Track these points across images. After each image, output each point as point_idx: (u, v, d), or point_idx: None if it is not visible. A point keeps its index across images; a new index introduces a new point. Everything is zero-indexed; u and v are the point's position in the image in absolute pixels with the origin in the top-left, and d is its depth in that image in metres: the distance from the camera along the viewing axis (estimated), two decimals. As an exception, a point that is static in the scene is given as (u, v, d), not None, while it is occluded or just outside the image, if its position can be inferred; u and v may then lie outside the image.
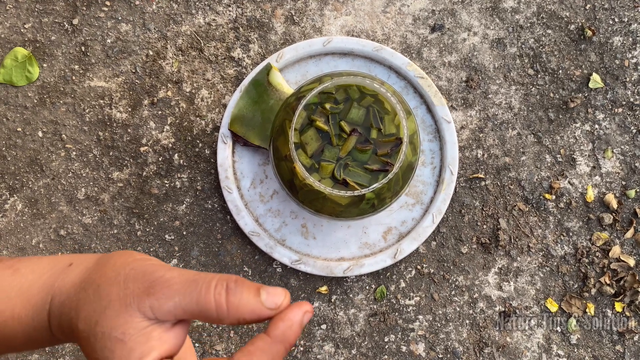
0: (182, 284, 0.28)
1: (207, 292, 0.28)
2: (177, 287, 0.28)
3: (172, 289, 0.28)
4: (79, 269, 0.31)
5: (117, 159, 0.67)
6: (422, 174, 0.67)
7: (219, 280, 0.28)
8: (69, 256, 0.33)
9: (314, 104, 0.55)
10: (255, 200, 0.66)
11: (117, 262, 0.30)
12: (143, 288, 0.28)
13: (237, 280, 0.28)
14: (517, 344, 0.66)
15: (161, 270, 0.29)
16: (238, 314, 0.28)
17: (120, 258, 0.30)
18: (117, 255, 0.30)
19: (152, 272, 0.28)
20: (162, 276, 0.28)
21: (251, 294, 0.28)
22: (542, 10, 0.69)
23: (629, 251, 0.67)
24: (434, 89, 0.66)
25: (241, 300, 0.28)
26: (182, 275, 0.28)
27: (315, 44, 0.66)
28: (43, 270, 0.32)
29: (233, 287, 0.28)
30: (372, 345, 0.66)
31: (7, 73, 0.67)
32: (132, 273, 0.29)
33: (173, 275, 0.28)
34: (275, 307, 0.28)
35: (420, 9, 0.69)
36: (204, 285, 0.28)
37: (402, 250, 0.65)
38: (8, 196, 0.67)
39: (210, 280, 0.28)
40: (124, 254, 0.31)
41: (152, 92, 0.68)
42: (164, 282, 0.28)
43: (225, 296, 0.28)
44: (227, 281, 0.28)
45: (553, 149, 0.68)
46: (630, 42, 0.69)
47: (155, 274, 0.28)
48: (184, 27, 0.69)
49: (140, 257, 0.30)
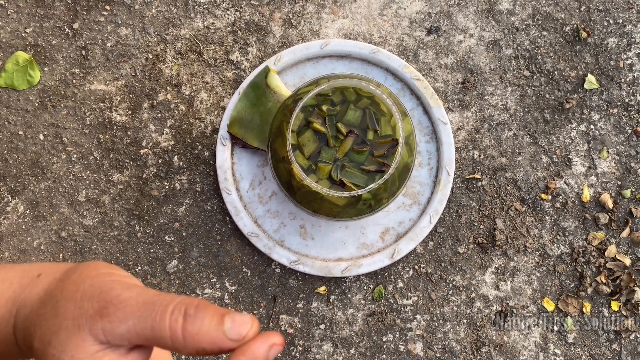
0: (137, 306, 0.25)
1: (163, 318, 0.25)
2: (132, 309, 0.25)
3: (126, 311, 0.25)
4: (46, 280, 0.29)
5: (117, 162, 0.68)
6: (419, 174, 0.67)
7: (177, 305, 0.25)
8: (40, 265, 0.31)
9: (311, 106, 0.56)
10: (254, 201, 0.67)
11: (79, 277, 0.27)
12: (97, 308, 0.25)
13: (199, 305, 0.25)
14: (514, 343, 0.67)
15: (118, 289, 0.26)
16: (195, 343, 0.25)
17: (84, 271, 0.28)
18: (82, 267, 0.28)
19: (108, 290, 0.26)
20: (117, 296, 0.26)
21: (213, 322, 0.25)
22: (538, 12, 0.70)
23: (624, 250, 0.68)
24: (430, 90, 0.67)
25: (200, 329, 0.25)
26: (140, 296, 0.26)
27: (312, 47, 0.67)
28: (13, 279, 0.30)
29: (192, 314, 0.25)
30: (370, 344, 0.67)
31: (8, 77, 0.68)
32: (89, 290, 0.26)
33: (130, 296, 0.26)
34: (238, 339, 0.25)
35: (416, 12, 0.70)
36: (160, 309, 0.25)
37: (399, 251, 0.66)
38: (10, 198, 0.68)
39: (168, 303, 0.25)
40: (90, 265, 0.28)
41: (152, 95, 0.69)
42: (118, 303, 0.25)
43: (182, 323, 0.25)
44: (186, 306, 0.25)
45: (549, 149, 0.69)
46: (625, 44, 0.70)
47: (110, 293, 0.26)
48: (183, 30, 0.69)
49: (104, 272, 0.28)
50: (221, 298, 0.67)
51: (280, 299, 0.67)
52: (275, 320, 0.67)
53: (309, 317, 0.67)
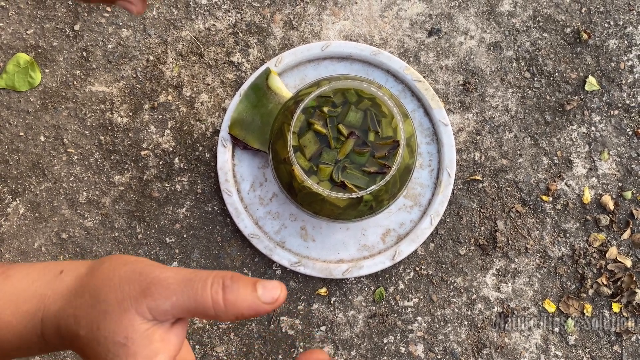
0: (178, 283, 0.28)
1: (204, 290, 0.28)
2: (174, 286, 0.28)
3: (169, 289, 0.28)
4: (70, 276, 0.31)
5: (118, 163, 0.68)
6: (420, 176, 0.67)
7: (215, 278, 0.28)
8: (60, 263, 0.32)
9: (312, 108, 0.56)
10: (255, 203, 0.67)
11: (110, 266, 0.29)
12: (139, 290, 0.28)
13: (233, 276, 0.28)
14: (515, 344, 0.67)
15: (156, 271, 0.28)
16: (236, 310, 0.28)
17: (113, 262, 0.30)
18: (109, 260, 0.30)
19: (147, 273, 0.28)
20: (157, 276, 0.28)
21: (248, 290, 0.28)
22: (538, 14, 0.70)
23: (625, 252, 0.68)
24: (431, 92, 0.67)
25: (238, 297, 0.28)
26: (178, 275, 0.28)
27: (313, 49, 0.67)
28: (34, 277, 0.31)
29: (229, 284, 0.28)
30: (371, 346, 0.67)
31: (9, 78, 0.68)
32: (127, 275, 0.28)
33: (168, 275, 0.28)
34: (272, 301, 0.29)
35: (417, 14, 0.70)
36: (200, 283, 0.28)
37: (400, 252, 0.66)
38: (10, 200, 0.68)
39: (206, 278, 0.28)
40: (116, 257, 0.30)
41: (153, 97, 0.69)
42: (159, 283, 0.28)
43: (222, 294, 0.28)
44: (223, 278, 0.28)
45: (550, 151, 0.69)
46: (626, 45, 0.70)
47: (150, 275, 0.28)
48: (184, 32, 0.69)
49: (133, 259, 0.30)
50: (222, 300, 0.67)
51: (281, 301, 0.67)
52: (276, 322, 0.67)
53: (309, 318, 0.67)
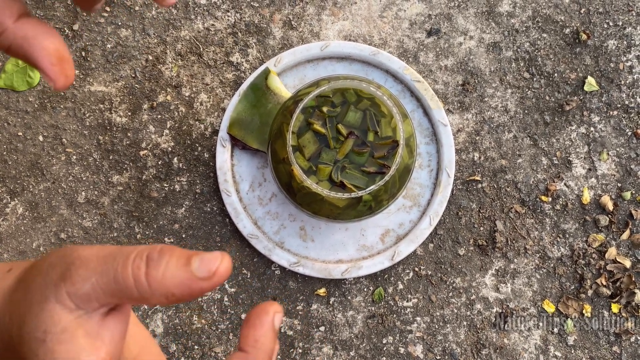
0: (98, 260, 0.24)
1: (125, 267, 0.23)
2: (93, 265, 0.23)
3: (89, 268, 0.23)
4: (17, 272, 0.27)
5: (117, 163, 0.68)
6: (419, 176, 0.67)
7: (139, 252, 0.24)
8: (10, 263, 0.29)
9: (311, 108, 0.55)
10: (254, 203, 0.67)
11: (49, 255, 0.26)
12: (59, 273, 0.24)
13: (162, 249, 0.24)
14: (515, 345, 0.67)
15: (80, 250, 0.24)
16: (163, 288, 0.23)
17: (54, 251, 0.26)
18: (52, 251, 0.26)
19: (70, 253, 0.24)
20: (79, 255, 0.24)
21: (179, 264, 0.24)
22: (538, 15, 0.70)
23: (625, 252, 0.68)
24: (431, 92, 0.67)
25: (165, 272, 0.23)
26: (101, 251, 0.24)
27: (313, 49, 0.67)
28: None
29: (155, 258, 0.23)
30: (370, 347, 0.67)
31: (8, 78, 0.68)
32: (55, 259, 0.25)
33: (91, 253, 0.24)
34: (209, 275, 0.24)
35: (416, 14, 0.70)
36: (121, 259, 0.24)
37: (399, 253, 0.66)
38: (9, 200, 0.68)
39: (129, 252, 0.24)
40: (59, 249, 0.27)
41: (152, 97, 0.69)
42: (80, 263, 0.24)
43: (145, 269, 0.23)
44: (149, 252, 0.24)
45: (549, 151, 0.69)
46: (625, 46, 0.70)
47: (72, 255, 0.24)
48: (183, 32, 0.69)
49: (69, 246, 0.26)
50: (221, 300, 0.67)
51: (280, 301, 0.67)
52: (275, 322, 0.67)
53: (308, 319, 0.67)
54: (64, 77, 0.26)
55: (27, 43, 0.25)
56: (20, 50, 0.25)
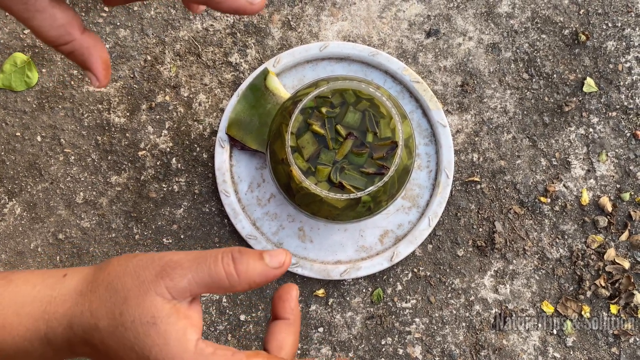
0: (190, 262, 0.30)
1: (217, 265, 0.30)
2: (187, 264, 0.30)
3: (183, 268, 0.30)
4: (75, 279, 0.32)
5: (115, 163, 0.68)
6: (418, 177, 0.67)
7: (224, 253, 0.31)
8: (62, 269, 0.33)
9: (310, 108, 0.55)
10: (253, 203, 0.67)
11: (119, 262, 0.31)
12: (155, 273, 0.30)
13: (240, 250, 0.31)
14: (514, 346, 0.67)
15: (168, 255, 0.31)
16: (248, 278, 0.31)
17: (120, 259, 0.32)
18: (115, 259, 0.32)
19: (159, 257, 0.31)
20: (170, 259, 0.30)
21: (256, 259, 0.31)
22: (537, 16, 0.70)
23: (623, 254, 0.68)
24: (430, 93, 0.67)
25: (249, 266, 0.30)
26: (189, 255, 0.31)
27: (312, 49, 0.67)
28: (35, 282, 0.32)
29: (238, 257, 0.30)
30: (369, 348, 0.67)
31: (6, 78, 0.68)
32: (140, 263, 0.30)
33: (180, 257, 0.30)
34: (280, 265, 0.31)
35: (415, 14, 0.70)
36: (211, 258, 0.30)
37: (398, 253, 0.65)
38: (7, 200, 0.67)
39: (216, 254, 0.31)
40: (121, 256, 0.32)
41: (150, 97, 0.69)
42: (174, 264, 0.30)
43: (234, 265, 0.30)
44: (231, 252, 0.31)
45: (548, 152, 0.69)
46: (624, 47, 0.70)
47: (163, 259, 0.30)
48: (182, 32, 0.69)
49: (139, 254, 0.32)
50: (219, 300, 0.67)
51: (279, 302, 0.67)
52: (274, 323, 0.67)
53: (307, 320, 0.67)
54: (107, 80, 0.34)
55: (88, 52, 0.32)
56: (81, 57, 0.32)
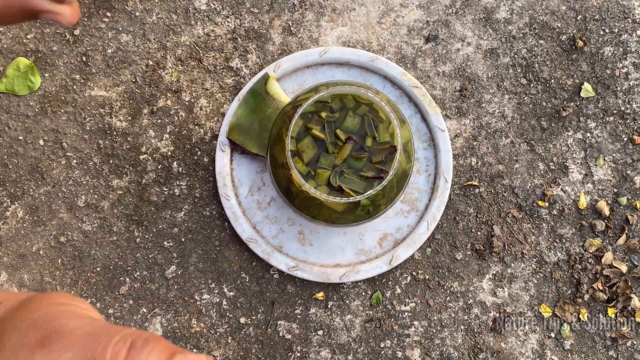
0: (82, 335, 0.24)
1: (105, 348, 0.23)
2: (76, 339, 0.23)
3: (70, 341, 0.23)
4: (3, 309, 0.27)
5: (117, 167, 0.69)
6: (417, 181, 0.68)
7: (123, 336, 0.23)
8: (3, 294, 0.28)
9: (310, 113, 0.56)
10: (253, 207, 0.67)
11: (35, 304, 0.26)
12: (39, 338, 0.24)
13: (149, 338, 0.23)
14: (512, 349, 0.67)
15: (66, 318, 0.24)
16: None
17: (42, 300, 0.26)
18: (41, 297, 0.26)
19: (55, 319, 0.24)
20: (63, 325, 0.24)
21: (161, 358, 0.23)
22: (534, 21, 0.71)
23: (621, 257, 0.68)
24: (428, 98, 0.67)
25: None
26: (88, 326, 0.24)
27: (312, 54, 0.68)
28: None
29: (139, 347, 0.23)
30: (368, 350, 0.67)
31: (9, 82, 0.69)
32: (38, 320, 0.24)
33: (77, 326, 0.24)
34: None
35: (414, 20, 0.71)
36: (104, 339, 0.23)
37: (397, 257, 0.66)
38: (9, 203, 0.68)
39: (114, 334, 0.23)
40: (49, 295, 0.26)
41: (152, 101, 0.69)
42: (63, 333, 0.24)
43: (125, 355, 0.23)
44: (134, 338, 0.23)
45: (546, 156, 0.69)
46: (621, 52, 0.70)
47: (57, 322, 0.24)
48: (184, 37, 0.70)
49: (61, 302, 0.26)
50: (219, 303, 0.67)
51: (279, 305, 0.67)
52: (274, 326, 0.67)
53: (307, 323, 0.67)
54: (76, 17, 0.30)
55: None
56: None
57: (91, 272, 0.68)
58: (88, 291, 0.67)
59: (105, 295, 0.67)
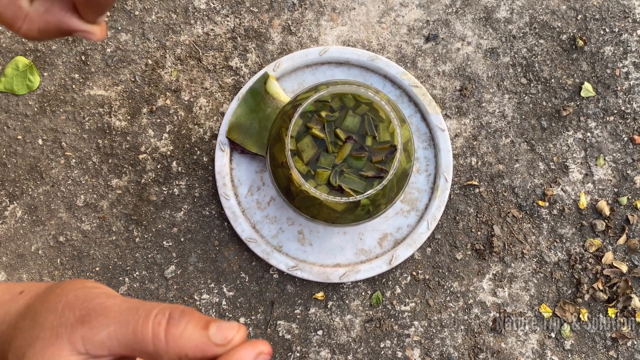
0: (121, 311, 0.24)
1: (146, 321, 0.24)
2: (115, 314, 0.24)
3: (109, 317, 0.24)
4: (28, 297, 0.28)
5: (116, 167, 0.68)
6: (417, 181, 0.68)
7: (162, 309, 0.24)
8: (24, 284, 0.30)
9: (310, 112, 0.56)
10: (253, 207, 0.67)
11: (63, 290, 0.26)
12: (78, 316, 0.24)
13: (185, 310, 0.24)
14: (512, 349, 0.67)
15: (103, 297, 0.25)
16: (178, 348, 0.24)
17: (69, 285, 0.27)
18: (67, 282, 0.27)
19: (92, 299, 0.25)
20: (101, 303, 0.25)
21: (198, 327, 0.24)
22: (535, 21, 0.71)
23: (621, 257, 0.68)
24: (428, 97, 0.67)
25: (184, 332, 0.24)
26: (125, 303, 0.25)
27: (311, 54, 0.67)
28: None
29: (177, 317, 0.24)
30: (368, 350, 0.67)
31: (8, 82, 0.68)
32: (73, 300, 0.25)
33: (114, 303, 0.25)
34: (224, 343, 0.24)
35: (414, 20, 0.70)
36: (143, 312, 0.24)
37: (397, 257, 0.66)
38: (8, 203, 0.68)
39: (152, 308, 0.24)
40: (75, 281, 0.27)
41: (151, 101, 0.69)
42: (101, 310, 0.24)
43: (166, 326, 0.24)
44: (171, 310, 0.24)
45: (546, 156, 0.69)
46: (621, 52, 0.70)
47: (94, 301, 0.25)
48: (183, 36, 0.70)
49: (90, 285, 0.27)
50: (219, 303, 0.67)
51: (278, 305, 0.67)
52: (273, 326, 0.67)
53: (306, 322, 0.67)
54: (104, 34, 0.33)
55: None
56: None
57: (90, 271, 0.67)
58: (87, 291, 0.67)
59: (104, 295, 0.67)
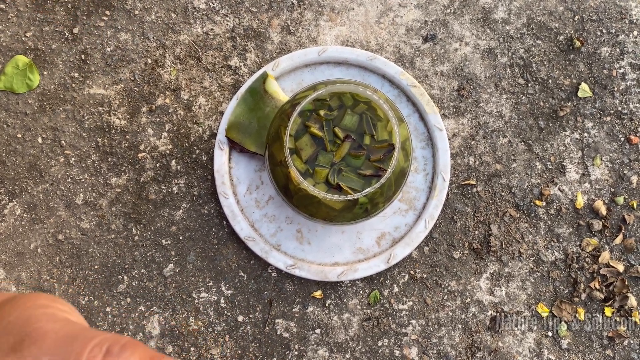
0: (57, 339, 0.22)
1: (80, 354, 0.22)
2: (50, 343, 0.22)
3: (44, 346, 0.22)
4: None
5: (115, 165, 0.69)
6: (415, 180, 0.68)
7: (100, 341, 0.22)
8: None
9: (308, 111, 0.56)
10: (251, 205, 0.67)
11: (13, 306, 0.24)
12: (12, 343, 0.22)
13: (127, 344, 0.22)
14: (509, 348, 0.67)
15: (43, 320, 0.23)
16: None
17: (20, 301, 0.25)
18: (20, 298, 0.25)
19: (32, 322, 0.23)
20: (38, 328, 0.23)
21: None
22: (532, 22, 0.71)
23: (618, 257, 0.69)
24: (426, 97, 0.67)
25: None
26: (64, 329, 0.23)
27: (310, 53, 0.68)
28: None
29: (115, 352, 0.22)
30: (365, 349, 0.67)
31: (8, 80, 0.69)
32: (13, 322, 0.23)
33: (53, 329, 0.23)
34: None
35: (413, 20, 0.71)
36: (80, 343, 0.22)
37: (395, 256, 0.66)
38: (7, 201, 0.68)
39: (91, 338, 0.22)
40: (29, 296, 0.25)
41: (151, 100, 0.69)
42: (37, 336, 0.22)
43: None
44: (110, 344, 0.22)
45: (543, 156, 0.70)
46: (618, 53, 0.71)
47: (33, 326, 0.23)
48: (182, 36, 0.70)
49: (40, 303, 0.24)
50: (217, 302, 0.67)
51: (276, 303, 0.67)
52: (271, 325, 0.67)
53: (304, 321, 0.67)
54: None
55: None
56: None
57: (89, 270, 0.68)
58: (86, 289, 0.67)
59: (103, 293, 0.67)
